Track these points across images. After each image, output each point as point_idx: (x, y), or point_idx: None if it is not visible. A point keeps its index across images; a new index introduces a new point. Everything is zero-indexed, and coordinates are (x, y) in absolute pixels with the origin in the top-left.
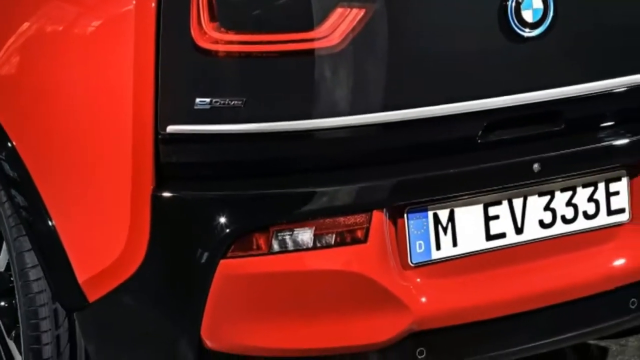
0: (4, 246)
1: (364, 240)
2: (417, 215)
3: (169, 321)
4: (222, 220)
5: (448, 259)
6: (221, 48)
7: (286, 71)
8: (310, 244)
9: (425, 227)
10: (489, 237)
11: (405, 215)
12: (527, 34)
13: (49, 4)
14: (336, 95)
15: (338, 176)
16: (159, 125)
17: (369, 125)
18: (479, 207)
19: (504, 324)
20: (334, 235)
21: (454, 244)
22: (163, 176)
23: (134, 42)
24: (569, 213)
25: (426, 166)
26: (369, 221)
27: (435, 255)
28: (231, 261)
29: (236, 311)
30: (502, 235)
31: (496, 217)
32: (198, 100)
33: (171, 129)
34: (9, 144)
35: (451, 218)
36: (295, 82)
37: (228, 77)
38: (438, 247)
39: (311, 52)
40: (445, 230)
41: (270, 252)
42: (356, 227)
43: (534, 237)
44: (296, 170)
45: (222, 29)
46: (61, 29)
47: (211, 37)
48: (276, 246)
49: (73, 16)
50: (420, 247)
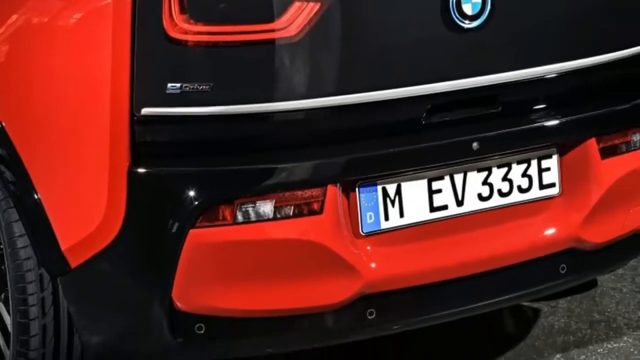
0: None
1: (320, 211)
2: (367, 189)
3: (144, 285)
4: (191, 193)
5: (395, 228)
6: (190, 38)
7: (249, 59)
8: (271, 215)
9: (374, 200)
10: (433, 209)
11: (357, 189)
12: (467, 25)
13: None
14: (294, 80)
15: (296, 154)
16: (135, 107)
17: (323, 108)
18: (424, 182)
19: (446, 287)
20: (292, 207)
21: (401, 215)
22: (138, 154)
23: (111, 33)
24: (505, 187)
25: (375, 144)
26: (324, 194)
27: (384, 225)
28: (199, 231)
29: (204, 276)
30: (445, 207)
31: (439, 191)
32: (169, 85)
33: (145, 111)
34: None
35: (398, 192)
36: (257, 69)
37: (196, 65)
38: (386, 218)
39: (271, 42)
40: (393, 202)
41: (235, 222)
42: (312, 200)
43: (473, 209)
44: (258, 148)
45: (192, 21)
46: (46, 20)
47: (181, 28)
48: (240, 217)
49: (57, 9)
50: (371, 218)
